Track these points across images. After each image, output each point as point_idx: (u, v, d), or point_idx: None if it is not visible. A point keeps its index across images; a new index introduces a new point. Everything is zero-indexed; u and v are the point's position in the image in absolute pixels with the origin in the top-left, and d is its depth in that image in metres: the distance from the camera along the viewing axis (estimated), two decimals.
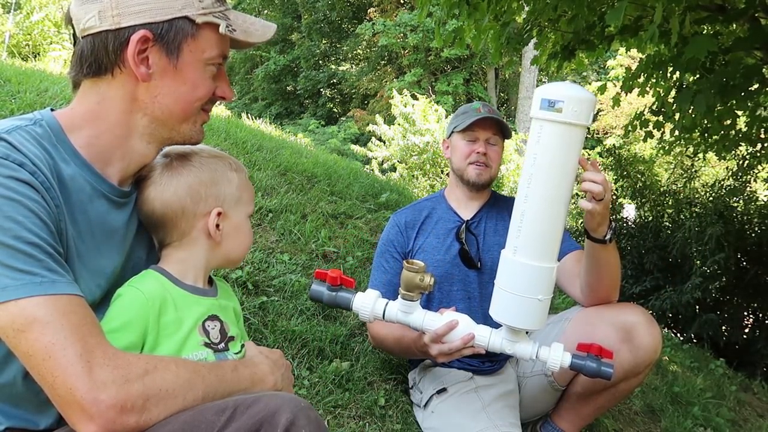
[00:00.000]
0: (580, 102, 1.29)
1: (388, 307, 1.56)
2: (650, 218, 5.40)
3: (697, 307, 4.71)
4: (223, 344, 1.00)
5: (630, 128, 4.34)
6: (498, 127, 1.95)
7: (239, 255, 1.09)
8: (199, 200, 1.00)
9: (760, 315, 4.80)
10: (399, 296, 1.53)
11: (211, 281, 1.09)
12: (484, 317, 1.87)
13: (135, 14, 0.89)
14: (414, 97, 9.45)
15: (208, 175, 1.01)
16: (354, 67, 20.96)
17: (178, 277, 1.00)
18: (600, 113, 12.39)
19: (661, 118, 4.12)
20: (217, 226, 1.02)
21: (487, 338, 1.50)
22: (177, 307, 0.96)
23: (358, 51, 20.57)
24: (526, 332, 1.49)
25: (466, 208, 2.00)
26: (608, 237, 1.54)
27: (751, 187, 5.18)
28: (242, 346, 1.05)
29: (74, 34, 0.94)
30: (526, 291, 1.37)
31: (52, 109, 0.95)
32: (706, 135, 4.33)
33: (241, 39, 0.99)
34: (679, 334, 4.86)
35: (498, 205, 2.01)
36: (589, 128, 1.37)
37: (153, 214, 1.00)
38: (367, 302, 1.54)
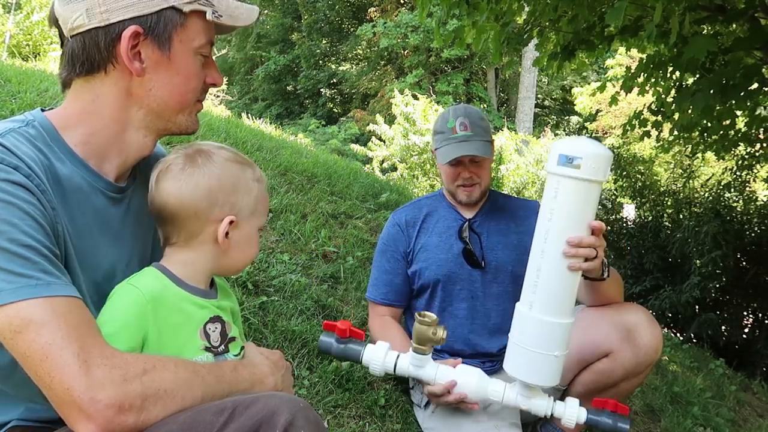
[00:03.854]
0: (598, 158, 1.27)
1: (400, 360, 1.55)
2: (650, 218, 5.39)
3: (697, 306, 4.70)
4: (223, 346, 0.99)
5: (629, 127, 4.34)
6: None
7: (241, 266, 1.08)
8: (215, 205, 0.97)
9: (760, 315, 4.79)
10: (411, 349, 1.53)
11: (212, 282, 1.08)
12: (486, 316, 1.88)
13: (123, 9, 0.89)
14: (415, 97, 9.45)
15: (230, 181, 0.98)
16: (354, 67, 20.94)
17: (181, 278, 0.98)
18: (599, 113, 12.37)
19: (659, 117, 4.12)
20: (226, 234, 0.99)
21: (501, 393, 1.50)
22: (177, 309, 0.94)
23: (358, 51, 20.56)
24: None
25: (467, 207, 1.99)
26: (605, 275, 1.55)
27: (750, 187, 5.18)
28: (242, 348, 1.04)
29: (61, 34, 0.93)
30: (542, 347, 1.35)
31: (42, 110, 0.95)
32: (705, 135, 4.33)
33: (227, 24, 0.98)
34: (678, 334, 4.85)
35: (498, 204, 2.00)
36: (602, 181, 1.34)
37: (165, 208, 0.97)
38: (377, 355, 1.55)
